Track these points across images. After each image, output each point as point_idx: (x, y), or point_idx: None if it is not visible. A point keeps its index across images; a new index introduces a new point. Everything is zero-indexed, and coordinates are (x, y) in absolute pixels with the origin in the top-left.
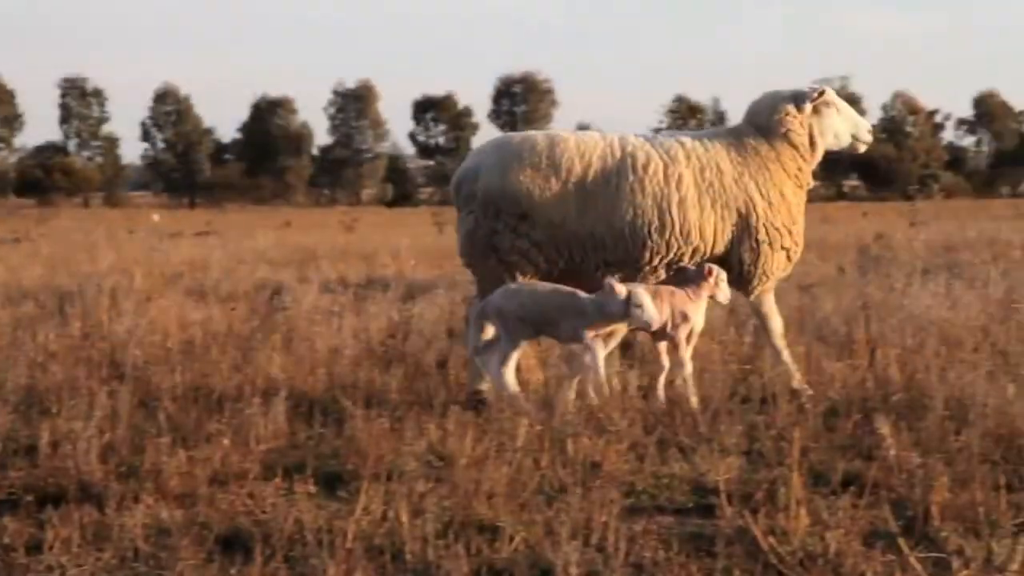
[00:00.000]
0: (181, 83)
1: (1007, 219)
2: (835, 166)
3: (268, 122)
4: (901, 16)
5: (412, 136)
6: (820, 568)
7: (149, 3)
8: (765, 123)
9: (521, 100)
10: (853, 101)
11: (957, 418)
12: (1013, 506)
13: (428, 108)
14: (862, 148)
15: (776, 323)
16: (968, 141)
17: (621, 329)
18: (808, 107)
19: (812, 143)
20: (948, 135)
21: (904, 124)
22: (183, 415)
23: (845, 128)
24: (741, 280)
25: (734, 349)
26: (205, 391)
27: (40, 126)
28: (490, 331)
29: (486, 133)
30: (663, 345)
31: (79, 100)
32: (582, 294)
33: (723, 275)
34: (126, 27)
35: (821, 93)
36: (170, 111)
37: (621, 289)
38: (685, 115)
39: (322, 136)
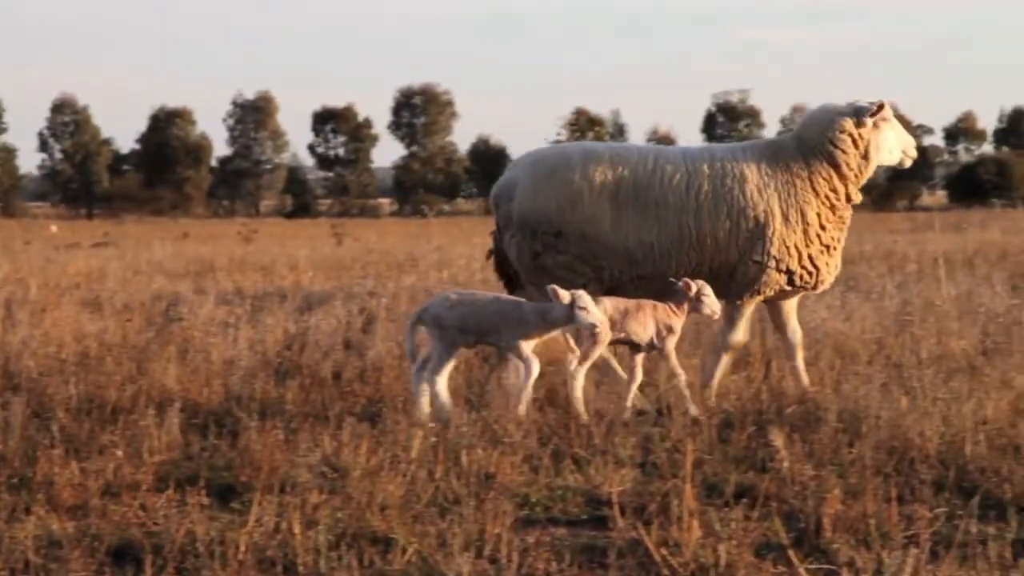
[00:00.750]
0: (79, 93)
1: (904, 232)
2: None
3: (166, 133)
4: (800, 30)
5: (311, 147)
6: None
7: (47, 12)
8: (814, 138)
9: (421, 111)
10: (752, 114)
11: (851, 430)
12: (905, 518)
13: (327, 119)
14: (908, 163)
15: (737, 337)
16: None
17: (602, 342)
18: (870, 122)
19: (867, 157)
20: None
21: None
22: (76, 426)
23: (898, 143)
24: (737, 288)
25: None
26: (99, 403)
27: None
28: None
29: (386, 144)
30: (639, 358)
31: None
32: (525, 303)
33: (706, 288)
34: (23, 37)
35: (881, 107)
36: (68, 121)
37: (564, 294)
38: (584, 127)
39: (221, 147)
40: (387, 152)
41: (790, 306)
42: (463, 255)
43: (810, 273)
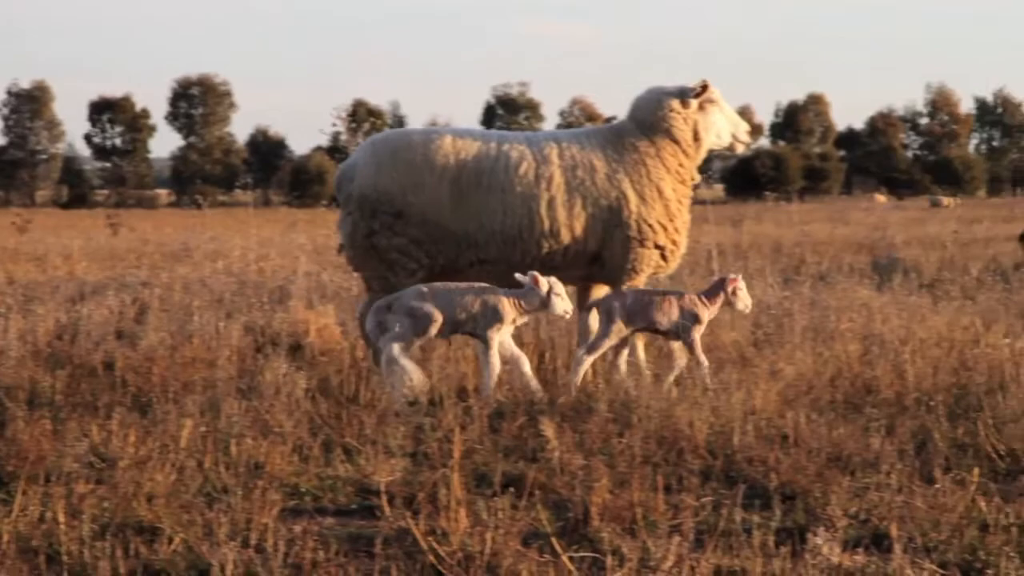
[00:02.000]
0: None
1: None
2: None
3: None
4: (579, 24)
5: (88, 137)
6: (477, 568)
7: None
8: (648, 119)
9: (199, 102)
10: (531, 107)
11: (621, 421)
12: (672, 507)
13: (104, 109)
14: (740, 148)
15: None
16: None
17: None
18: (694, 103)
19: (697, 139)
20: None
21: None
22: None
23: (727, 127)
24: (611, 274)
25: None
26: None
27: None
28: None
29: (164, 135)
30: (677, 345)
31: None
32: (499, 290)
33: (742, 285)
34: None
35: (705, 87)
36: None
37: (543, 281)
38: (363, 119)
39: None
40: (165, 143)
41: (601, 291)
42: (238, 246)
43: (675, 245)
